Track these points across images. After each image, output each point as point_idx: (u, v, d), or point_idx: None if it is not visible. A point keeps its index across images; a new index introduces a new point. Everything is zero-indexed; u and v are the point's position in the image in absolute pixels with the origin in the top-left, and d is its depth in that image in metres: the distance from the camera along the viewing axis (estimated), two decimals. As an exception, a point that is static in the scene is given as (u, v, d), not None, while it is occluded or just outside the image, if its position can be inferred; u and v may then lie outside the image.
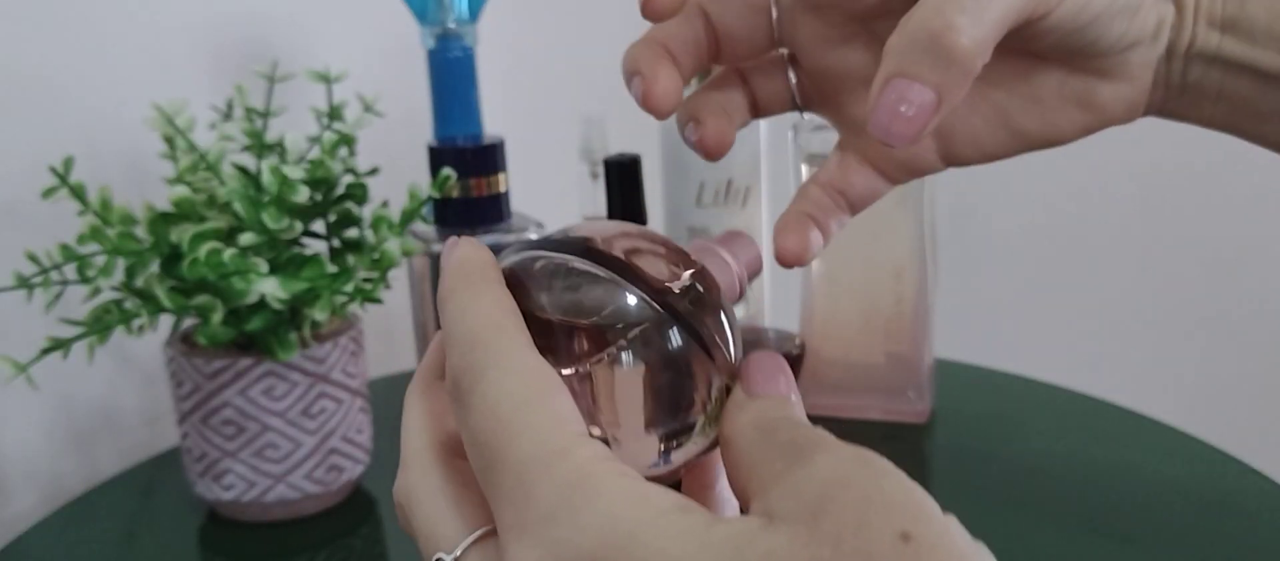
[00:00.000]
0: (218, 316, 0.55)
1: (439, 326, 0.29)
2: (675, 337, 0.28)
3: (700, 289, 0.29)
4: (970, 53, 0.29)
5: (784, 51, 0.38)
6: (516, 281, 0.29)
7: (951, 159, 0.38)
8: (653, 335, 0.27)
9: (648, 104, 0.35)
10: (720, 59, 0.38)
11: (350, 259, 0.58)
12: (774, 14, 0.37)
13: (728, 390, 0.29)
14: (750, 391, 0.28)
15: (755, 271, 0.33)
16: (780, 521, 0.23)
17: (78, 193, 0.55)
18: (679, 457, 0.29)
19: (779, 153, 0.68)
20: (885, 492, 0.23)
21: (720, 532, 0.23)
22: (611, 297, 0.28)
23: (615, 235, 0.30)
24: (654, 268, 0.29)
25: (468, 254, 0.29)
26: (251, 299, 0.54)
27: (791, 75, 0.38)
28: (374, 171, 0.61)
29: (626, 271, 0.28)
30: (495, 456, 0.25)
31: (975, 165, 0.38)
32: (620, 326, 0.27)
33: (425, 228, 0.63)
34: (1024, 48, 0.35)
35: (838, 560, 0.22)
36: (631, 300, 0.28)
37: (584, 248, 0.29)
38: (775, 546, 0.22)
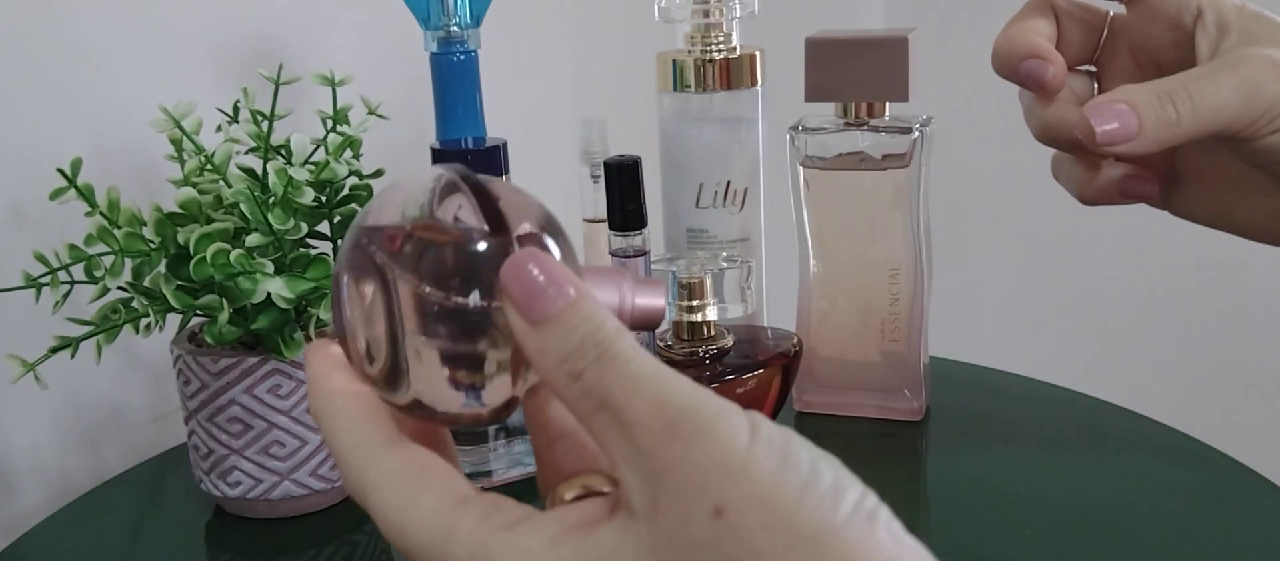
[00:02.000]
0: (224, 316, 0.55)
1: None
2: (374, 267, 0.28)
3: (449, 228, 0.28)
4: (1146, 143, 0.40)
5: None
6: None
7: (1169, 205, 0.48)
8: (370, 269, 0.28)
9: (1049, 83, 0.43)
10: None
11: (354, 259, 0.59)
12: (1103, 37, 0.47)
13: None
14: (526, 317, 0.26)
15: (646, 318, 0.30)
16: (630, 519, 0.25)
17: (86, 194, 0.56)
18: (491, 398, 0.28)
19: (777, 155, 0.68)
20: (699, 466, 0.24)
21: (590, 552, 0.25)
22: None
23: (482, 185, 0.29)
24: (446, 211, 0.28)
25: (313, 366, 0.30)
26: (258, 298, 0.54)
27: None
28: (378, 173, 0.62)
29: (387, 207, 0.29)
30: (411, 555, 0.27)
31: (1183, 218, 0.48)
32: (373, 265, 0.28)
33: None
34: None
35: (675, 557, 0.24)
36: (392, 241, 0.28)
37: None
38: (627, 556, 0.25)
